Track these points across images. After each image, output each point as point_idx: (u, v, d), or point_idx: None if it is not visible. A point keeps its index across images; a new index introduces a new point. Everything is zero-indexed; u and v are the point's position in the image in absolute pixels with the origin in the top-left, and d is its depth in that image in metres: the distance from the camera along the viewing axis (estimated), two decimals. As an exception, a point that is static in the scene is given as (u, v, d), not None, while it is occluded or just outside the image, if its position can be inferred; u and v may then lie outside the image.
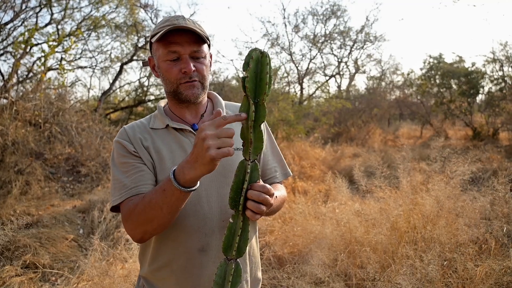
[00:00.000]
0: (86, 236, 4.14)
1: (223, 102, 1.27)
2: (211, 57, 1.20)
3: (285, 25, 14.77)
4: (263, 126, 1.28)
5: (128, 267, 3.04)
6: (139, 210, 1.00)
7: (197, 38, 1.10)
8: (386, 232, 2.96)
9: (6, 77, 7.89)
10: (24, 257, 3.19)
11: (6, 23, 8.02)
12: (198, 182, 0.94)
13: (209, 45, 1.17)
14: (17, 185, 5.16)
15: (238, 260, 0.94)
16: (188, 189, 0.92)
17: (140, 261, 1.23)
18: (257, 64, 0.87)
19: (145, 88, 12.34)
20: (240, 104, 1.10)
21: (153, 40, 1.11)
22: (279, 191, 1.22)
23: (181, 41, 1.08)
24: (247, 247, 1.19)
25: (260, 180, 0.95)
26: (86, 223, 4.43)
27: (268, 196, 0.91)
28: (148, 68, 12.42)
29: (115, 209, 1.12)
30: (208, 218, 1.11)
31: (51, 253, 3.43)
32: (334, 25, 13.69)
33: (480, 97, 12.61)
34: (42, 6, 8.58)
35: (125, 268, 3.02)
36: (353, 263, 2.92)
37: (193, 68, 1.10)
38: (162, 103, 1.26)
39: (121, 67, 11.10)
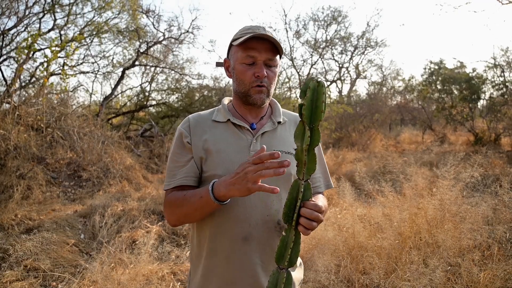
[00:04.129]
0: (87, 241, 4.13)
1: (281, 109, 1.37)
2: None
3: (286, 31, 14.82)
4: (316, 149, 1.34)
5: (130, 272, 3.03)
6: (178, 203, 1.16)
7: (273, 48, 1.21)
8: (390, 237, 2.94)
9: (9, 82, 7.93)
10: (25, 262, 3.18)
11: (10, 29, 8.07)
12: (229, 199, 1.10)
13: (280, 57, 1.28)
14: (18, 189, 5.16)
15: (289, 269, 1.03)
16: (220, 203, 1.08)
17: (191, 246, 1.33)
18: (313, 93, 0.95)
19: (146, 93, 12.38)
20: (295, 113, 1.36)
21: (235, 43, 1.23)
22: (322, 202, 1.29)
23: (259, 48, 1.19)
24: None
25: (313, 198, 1.04)
26: (87, 228, 4.41)
27: (319, 214, 1.00)
28: (151, 74, 12.50)
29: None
30: (254, 211, 1.19)
31: (52, 258, 3.41)
32: (335, 30, 13.79)
33: (481, 103, 12.60)
34: (45, 12, 8.64)
35: (126, 273, 3.01)
36: (356, 269, 2.90)
37: (266, 74, 1.20)
38: (226, 100, 1.36)
39: (123, 72, 11.13)
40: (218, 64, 1.38)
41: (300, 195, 0.99)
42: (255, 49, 1.19)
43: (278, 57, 1.24)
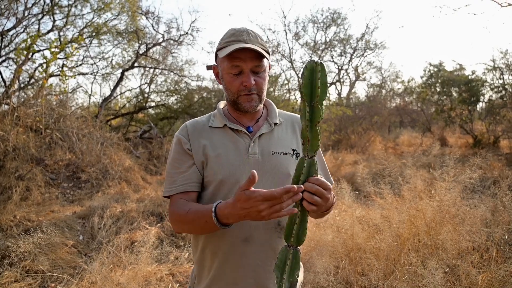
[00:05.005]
0: (86, 242, 4.12)
1: (277, 110, 1.37)
2: (269, 67, 1.30)
3: (286, 33, 14.81)
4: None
5: (128, 273, 3.02)
6: (183, 221, 1.17)
7: (259, 55, 1.20)
8: (389, 238, 2.94)
9: (8, 83, 7.92)
10: (24, 263, 3.17)
11: (9, 30, 8.07)
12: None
13: (269, 56, 1.27)
14: (17, 190, 5.15)
15: (297, 248, 1.03)
16: (226, 227, 1.07)
17: (192, 248, 1.34)
18: (311, 73, 0.99)
19: (145, 95, 12.38)
20: (291, 113, 1.39)
21: (220, 55, 1.22)
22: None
23: (244, 57, 1.18)
24: None
25: (317, 175, 1.02)
26: (86, 229, 4.41)
27: (321, 188, 0.99)
28: (150, 75, 12.50)
29: (167, 196, 1.27)
30: None
31: (50, 259, 3.40)
32: (335, 32, 13.78)
33: (480, 105, 12.64)
34: (45, 13, 8.64)
35: (125, 274, 3.00)
36: (355, 270, 2.90)
37: (253, 83, 1.20)
38: (222, 104, 1.37)
39: (122, 73, 11.14)
40: (209, 68, 1.39)
41: (303, 170, 1.00)
42: (240, 58, 1.18)
43: (265, 60, 1.22)
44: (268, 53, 1.23)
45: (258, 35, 1.24)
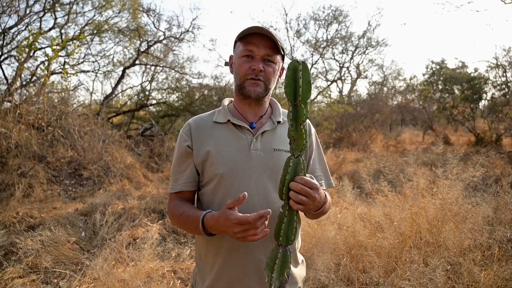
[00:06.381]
0: (89, 239, 4.14)
1: (281, 110, 1.39)
2: (282, 69, 1.34)
3: (287, 30, 14.81)
4: (307, 127, 1.35)
5: (130, 270, 3.03)
6: (178, 221, 1.25)
7: (272, 46, 1.23)
8: (390, 236, 2.94)
9: (10, 80, 7.94)
10: (27, 260, 3.19)
11: (11, 27, 8.09)
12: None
13: (283, 58, 1.30)
14: (20, 187, 5.17)
15: (287, 247, 1.03)
16: (211, 236, 1.14)
17: (196, 244, 1.37)
18: (294, 72, 0.99)
19: (147, 93, 12.38)
20: None
21: (236, 38, 1.28)
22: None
23: (258, 43, 1.22)
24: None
25: (304, 174, 1.03)
26: (88, 226, 4.42)
27: (306, 187, 1.00)
28: (151, 73, 12.49)
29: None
30: (256, 208, 1.18)
31: (53, 255, 3.42)
32: (336, 30, 13.77)
33: (483, 103, 12.60)
34: (46, 11, 8.65)
35: (127, 271, 3.01)
36: (356, 268, 2.90)
37: (261, 68, 1.22)
38: (226, 101, 1.39)
39: (124, 71, 11.14)
40: (226, 64, 1.41)
41: (289, 170, 1.01)
42: (254, 44, 1.22)
43: (279, 56, 1.26)
44: (282, 49, 1.26)
45: (276, 34, 1.27)
